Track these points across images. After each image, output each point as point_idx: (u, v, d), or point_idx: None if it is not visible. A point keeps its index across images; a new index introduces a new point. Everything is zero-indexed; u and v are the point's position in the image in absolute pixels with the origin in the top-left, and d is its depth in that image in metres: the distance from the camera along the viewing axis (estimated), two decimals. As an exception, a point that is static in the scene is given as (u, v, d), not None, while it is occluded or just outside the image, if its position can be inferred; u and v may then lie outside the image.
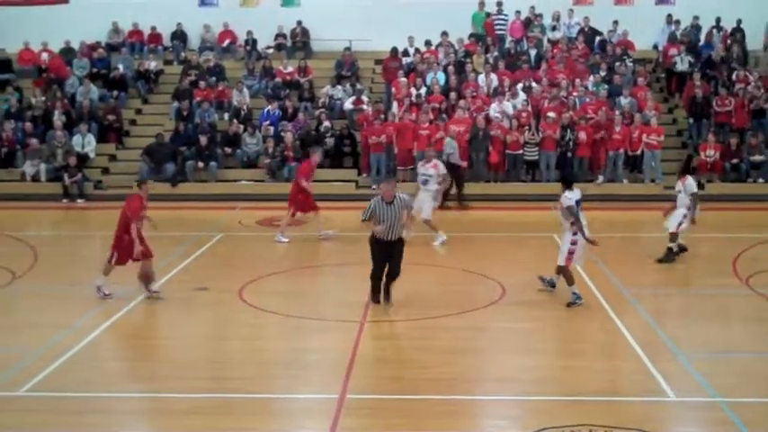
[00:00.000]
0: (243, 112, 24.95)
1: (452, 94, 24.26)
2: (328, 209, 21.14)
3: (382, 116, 23.45)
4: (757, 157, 22.87)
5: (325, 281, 14.99)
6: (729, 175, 22.92)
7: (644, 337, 11.09)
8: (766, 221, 19.68)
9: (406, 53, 26.72)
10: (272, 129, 24.33)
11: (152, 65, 27.73)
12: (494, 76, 25.21)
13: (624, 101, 24.19)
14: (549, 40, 27.30)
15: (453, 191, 21.35)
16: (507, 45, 27.33)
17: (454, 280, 14.54)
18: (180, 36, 28.74)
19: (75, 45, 27.93)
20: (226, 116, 25.20)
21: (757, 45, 27.45)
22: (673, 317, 12.14)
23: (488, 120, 23.36)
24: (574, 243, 12.48)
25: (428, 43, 26.89)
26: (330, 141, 23.78)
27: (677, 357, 10.40)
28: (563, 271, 12.61)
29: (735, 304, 13.16)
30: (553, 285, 13.09)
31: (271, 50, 28.29)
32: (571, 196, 12.68)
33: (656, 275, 14.85)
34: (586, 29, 27.34)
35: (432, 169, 17.38)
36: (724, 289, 13.79)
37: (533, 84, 24.79)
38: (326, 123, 24.15)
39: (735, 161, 22.85)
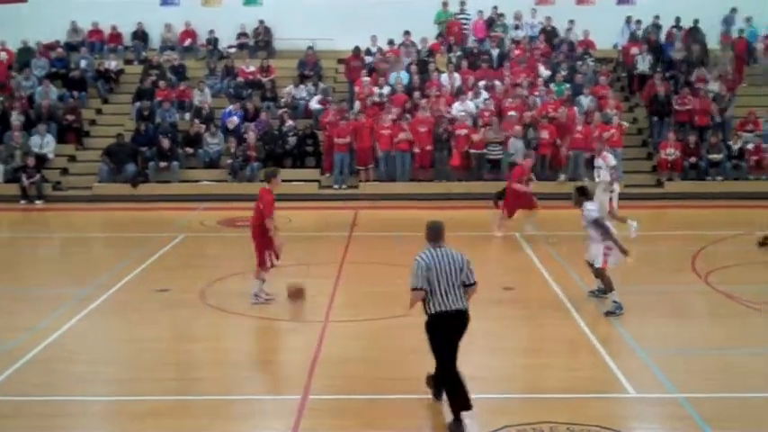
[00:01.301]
0: (204, 112, 24.80)
1: (416, 94, 24.31)
2: (290, 209, 21.13)
3: (346, 116, 23.45)
4: (716, 156, 23.15)
5: (287, 281, 14.90)
6: (689, 173, 23.18)
7: (604, 334, 11.19)
8: (724, 219, 19.94)
9: (368, 52, 26.72)
10: (236, 119, 24.21)
11: (112, 64, 27.48)
12: (457, 76, 25.31)
13: (585, 100, 24.39)
14: (511, 40, 27.43)
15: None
16: (470, 44, 27.43)
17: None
18: (141, 35, 28.51)
19: (34, 44, 27.58)
20: (187, 116, 25.04)
21: (716, 44, 27.80)
22: (633, 314, 12.21)
23: (451, 119, 23.45)
24: (609, 248, 12.07)
25: (391, 42, 26.92)
26: (293, 141, 23.72)
27: (637, 354, 10.50)
28: (602, 274, 12.32)
29: (694, 301, 13.31)
30: (604, 292, 12.62)
31: (233, 50, 28.18)
32: (592, 207, 12.20)
33: (616, 273, 14.94)
34: (549, 28, 27.53)
35: (601, 161, 17.24)
36: (683, 286, 13.94)
37: (496, 83, 24.91)
38: (290, 123, 24.08)
39: (694, 159, 23.11)
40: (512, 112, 23.34)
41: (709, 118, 24.18)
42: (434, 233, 8.57)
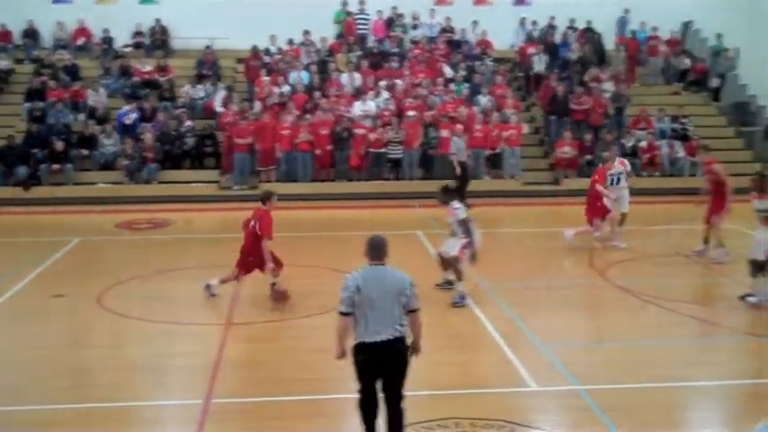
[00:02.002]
0: (99, 113, 24.17)
1: (316, 94, 24.23)
2: (189, 210, 20.83)
3: (247, 116, 23.20)
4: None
5: (188, 284, 14.63)
6: (585, 170, 23.68)
7: (506, 329, 11.33)
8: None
9: (268, 52, 26.50)
10: (134, 116, 23.68)
11: (2, 64, 26.52)
12: (357, 75, 25.33)
13: (484, 99, 24.71)
14: (411, 40, 27.60)
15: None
16: (370, 44, 27.48)
17: (323, 279, 14.45)
18: (31, 34, 27.59)
19: None
20: (81, 117, 24.33)
21: (611, 45, 28.52)
22: (533, 309, 12.43)
23: (351, 119, 23.45)
24: (469, 243, 12.52)
25: (291, 42, 26.76)
26: (191, 141, 23.34)
27: (538, 348, 10.67)
28: (456, 265, 12.56)
29: (592, 295, 13.62)
30: (450, 283, 12.90)
31: (128, 49, 27.54)
32: (458, 206, 12.63)
33: (515, 269, 15.20)
34: (448, 28, 27.80)
35: (620, 166, 17.08)
36: (581, 280, 14.25)
37: (396, 82, 25.03)
38: (188, 123, 23.69)
39: (589, 157, 23.65)
40: (412, 112, 23.46)
41: (603, 117, 24.77)
42: (374, 250, 7.44)
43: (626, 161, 17.81)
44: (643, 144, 24.05)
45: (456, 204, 12.57)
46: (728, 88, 27.84)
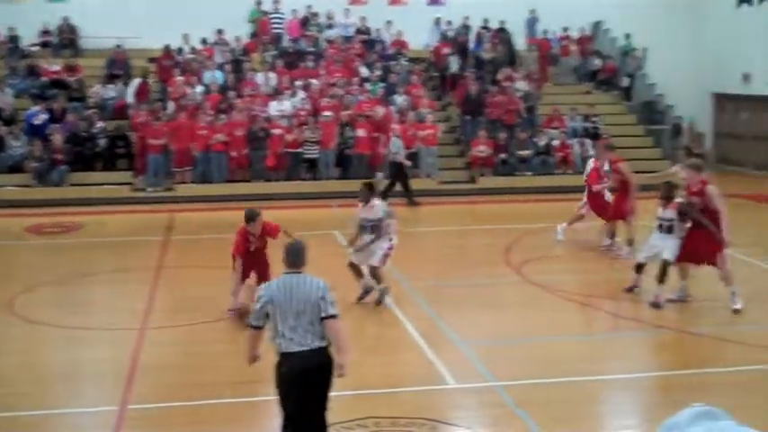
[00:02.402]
0: (6, 114, 23.48)
1: (231, 93, 24.00)
2: (101, 213, 20.42)
3: (160, 116, 22.84)
4: (524, 152, 24.10)
5: (102, 289, 14.38)
6: (500, 169, 24.02)
7: (426, 328, 11.39)
8: (534, 212, 20.74)
9: (180, 51, 26.13)
10: (43, 117, 23.03)
11: None
12: (272, 75, 25.17)
13: (400, 99, 24.83)
14: (326, 40, 27.54)
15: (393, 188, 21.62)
16: (285, 44, 27.32)
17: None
18: (-69, 32, 26.68)
19: None
20: (-13, 118, 23.61)
21: (522, 45, 28.95)
22: (451, 307, 12.53)
23: (267, 118, 23.30)
24: (391, 248, 12.43)
25: (204, 41, 26.44)
26: (103, 143, 22.86)
27: (457, 346, 10.76)
28: (377, 272, 12.46)
29: (508, 292, 13.78)
30: (368, 292, 12.64)
31: (36, 48, 26.80)
32: (380, 203, 12.63)
33: (434, 268, 15.32)
34: (363, 28, 27.83)
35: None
36: (498, 278, 14.41)
37: (312, 82, 24.96)
38: (100, 124, 23.18)
39: (504, 156, 23.97)
40: (328, 112, 23.41)
41: (517, 116, 25.14)
42: (291, 256, 7.10)
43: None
44: (556, 143, 24.47)
45: (377, 202, 12.48)
46: (638, 87, 28.55)
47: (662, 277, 12.07)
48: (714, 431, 4.81)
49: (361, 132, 23.04)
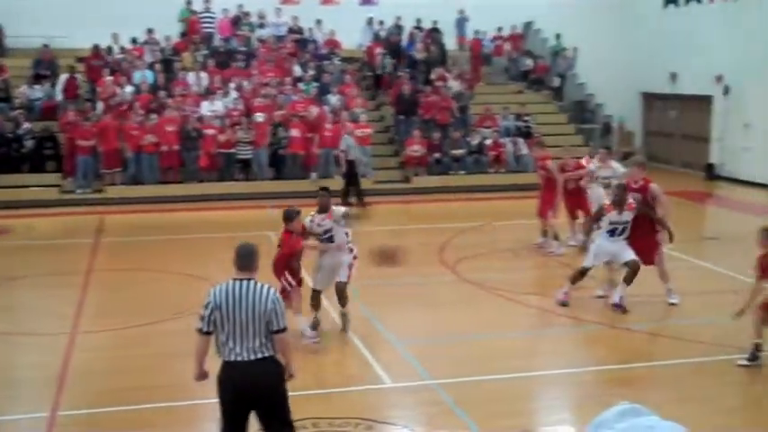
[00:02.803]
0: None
1: (161, 93, 23.66)
2: (29, 216, 19.99)
3: (89, 116, 22.39)
4: (458, 151, 24.22)
5: (31, 293, 14.03)
6: (434, 168, 24.11)
7: (361, 328, 11.35)
8: (468, 211, 20.86)
9: (110, 51, 25.65)
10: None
11: None
12: (204, 75, 24.88)
13: (333, 99, 24.75)
14: (258, 39, 27.31)
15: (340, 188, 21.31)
16: (216, 43, 27.02)
17: (169, 284, 14.13)
18: None
19: None
20: None
21: (454, 45, 29.10)
22: (388, 307, 12.52)
23: (199, 119, 23.02)
24: (355, 258, 11.23)
25: (134, 41, 26.01)
26: (30, 144, 22.33)
27: (393, 345, 10.75)
28: (344, 289, 11.19)
29: (444, 291, 13.80)
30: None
31: (-41, 48, 26.11)
32: (337, 209, 11.25)
33: (370, 268, 15.28)
34: (295, 28, 27.68)
35: (608, 171, 15.74)
36: (433, 277, 14.43)
37: (244, 82, 24.74)
38: (26, 125, 22.62)
39: (438, 155, 24.06)
40: (261, 112, 23.20)
41: (450, 115, 25.25)
42: (240, 259, 6.76)
43: (616, 164, 16.14)
44: (488, 142, 24.65)
45: (339, 208, 11.28)
46: (568, 87, 28.94)
47: (631, 279, 12.14)
48: (639, 426, 4.93)
49: (294, 132, 22.92)
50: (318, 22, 27.72)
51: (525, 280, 14.52)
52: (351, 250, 11.18)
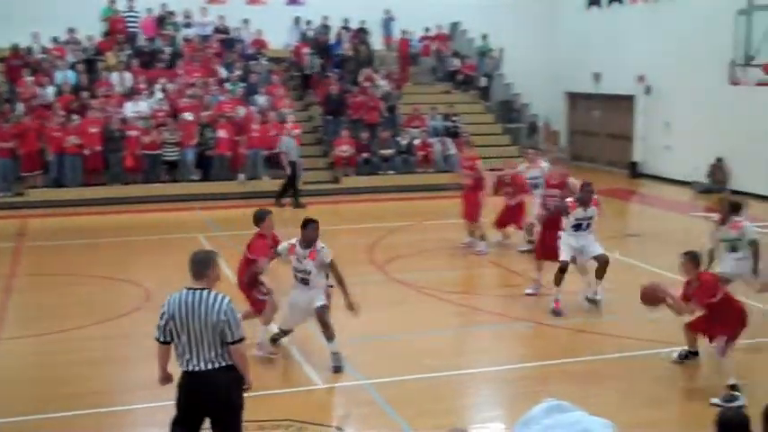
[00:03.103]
0: None
1: (84, 94, 23.20)
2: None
3: (9, 118, 21.81)
4: (387, 151, 24.28)
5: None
6: (363, 168, 24.12)
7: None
8: (397, 211, 20.93)
9: (30, 51, 25.04)
10: None
11: None
12: (128, 75, 24.47)
13: (261, 99, 24.58)
14: (183, 38, 26.97)
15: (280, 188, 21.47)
16: (140, 43, 26.60)
17: (95, 288, 13.86)
18: None
19: None
20: None
21: (381, 45, 29.14)
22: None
23: (124, 120, 22.63)
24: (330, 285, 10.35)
25: (55, 40, 25.45)
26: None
27: (323, 346, 10.69)
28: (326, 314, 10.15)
29: (373, 291, 13.77)
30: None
31: None
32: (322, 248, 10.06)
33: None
34: (221, 27, 27.40)
35: (537, 171, 15.44)
36: (363, 277, 14.38)
37: (169, 82, 24.40)
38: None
39: (367, 155, 24.08)
40: (187, 113, 22.91)
41: (378, 116, 25.30)
42: (192, 266, 6.56)
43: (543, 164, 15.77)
44: (417, 142, 24.75)
45: (327, 252, 9.93)
46: (495, 87, 29.23)
47: (603, 273, 12.29)
48: (565, 422, 5.02)
49: (221, 133, 22.68)
50: (245, 21, 27.46)
51: (454, 279, 14.62)
52: (326, 276, 10.11)
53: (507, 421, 8.53)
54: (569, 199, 12.36)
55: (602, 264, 12.27)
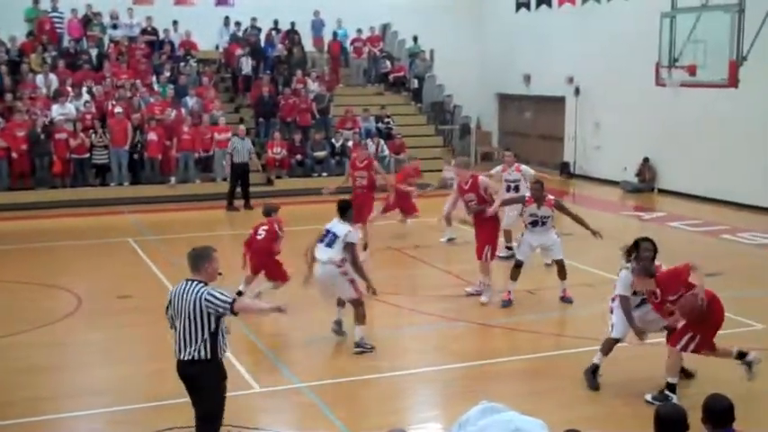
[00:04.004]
0: None
1: (8, 96, 22.64)
2: None
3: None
4: (320, 153, 24.20)
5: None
6: (296, 170, 24.00)
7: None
8: (332, 213, 20.74)
9: (-49, 52, 24.36)
10: None
11: None
12: (53, 77, 23.94)
13: (191, 101, 24.28)
14: (110, 40, 26.50)
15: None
16: (66, 44, 26.06)
17: (25, 294, 13.54)
18: None
19: None
20: None
21: (311, 47, 28.99)
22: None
23: (50, 122, 22.13)
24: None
25: (-22, 41, 24.81)
26: None
27: (260, 349, 10.62)
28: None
29: (309, 293, 13.71)
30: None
31: None
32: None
33: (239, 274, 15.03)
34: (149, 29, 27.00)
35: (516, 173, 15.21)
36: (298, 279, 14.29)
37: (96, 84, 23.96)
38: None
39: (300, 157, 23.98)
40: (117, 112, 22.46)
41: (311, 117, 25.21)
42: (190, 260, 7.05)
43: (523, 166, 15.64)
44: (350, 143, 24.71)
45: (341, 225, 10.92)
46: (427, 89, 29.35)
47: (563, 273, 12.67)
48: (499, 421, 5.11)
49: (152, 136, 22.34)
50: (175, 23, 27.09)
51: (390, 279, 14.59)
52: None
53: (445, 421, 8.55)
54: (527, 194, 12.77)
55: (558, 267, 12.68)
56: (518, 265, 12.51)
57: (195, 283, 6.89)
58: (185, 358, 6.89)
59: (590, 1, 26.04)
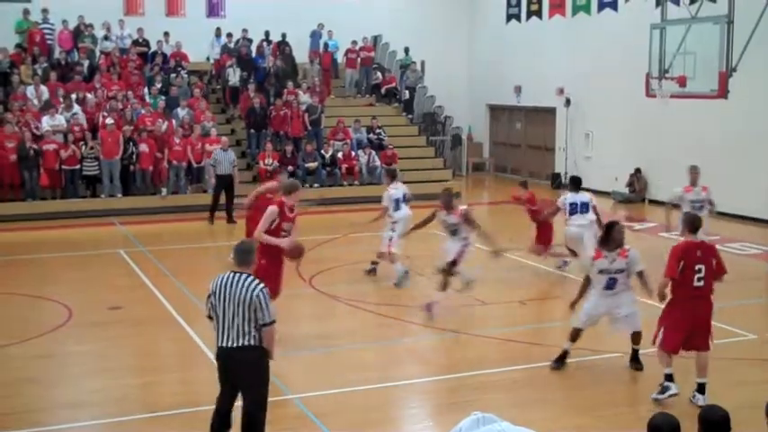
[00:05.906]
0: None
1: (-1, 108, 22.62)
2: None
3: None
4: (311, 164, 24.20)
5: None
6: (286, 181, 23.94)
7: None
8: (323, 224, 20.83)
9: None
10: None
11: None
12: (44, 88, 23.89)
13: (182, 112, 24.26)
14: (101, 51, 26.47)
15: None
16: (57, 56, 26.02)
17: (14, 306, 13.48)
18: None
19: None
20: None
21: (304, 58, 29.02)
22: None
23: (40, 134, 22.07)
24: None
25: (-32, 53, 24.76)
26: None
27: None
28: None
29: (302, 304, 13.73)
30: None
31: None
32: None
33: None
34: (140, 40, 26.99)
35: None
36: (290, 290, 14.26)
37: (87, 96, 23.94)
38: None
39: (291, 168, 23.96)
40: (109, 123, 22.41)
41: (302, 128, 25.23)
42: (235, 255, 7.48)
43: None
44: (341, 154, 24.75)
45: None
46: (418, 100, 29.43)
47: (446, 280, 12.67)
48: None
49: (143, 147, 22.31)
50: (166, 34, 27.08)
51: (380, 291, 14.61)
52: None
53: (437, 432, 8.55)
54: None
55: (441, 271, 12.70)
56: (444, 272, 12.65)
57: (245, 276, 7.23)
58: (235, 345, 7.18)
59: (580, 12, 26.13)
